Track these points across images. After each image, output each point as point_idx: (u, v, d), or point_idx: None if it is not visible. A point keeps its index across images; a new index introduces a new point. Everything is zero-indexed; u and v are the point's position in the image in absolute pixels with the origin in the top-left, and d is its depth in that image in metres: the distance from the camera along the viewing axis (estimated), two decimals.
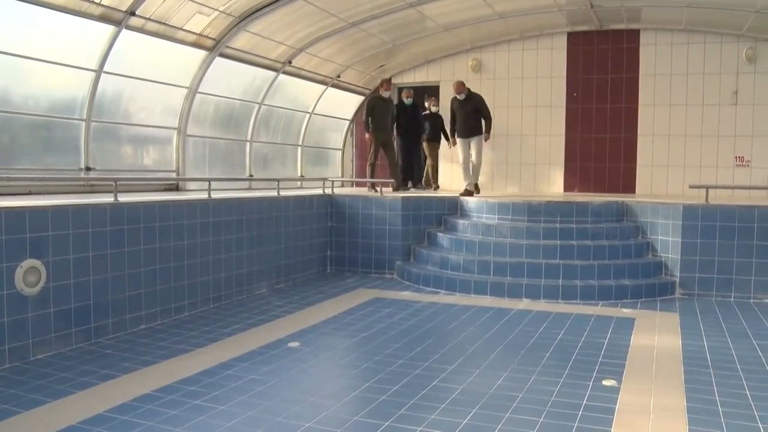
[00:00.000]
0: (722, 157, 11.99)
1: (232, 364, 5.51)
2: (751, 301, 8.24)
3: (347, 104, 14.39)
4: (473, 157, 10.90)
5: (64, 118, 8.27)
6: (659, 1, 11.00)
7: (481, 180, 11.97)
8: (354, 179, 12.16)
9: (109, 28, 8.08)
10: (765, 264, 8.23)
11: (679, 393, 4.87)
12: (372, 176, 11.48)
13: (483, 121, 10.91)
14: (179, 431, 4.11)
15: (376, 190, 10.94)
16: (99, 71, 8.28)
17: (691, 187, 9.63)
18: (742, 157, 11.87)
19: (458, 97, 10.82)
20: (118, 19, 8.03)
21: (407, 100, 12.11)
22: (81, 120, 8.34)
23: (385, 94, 11.29)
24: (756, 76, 11.70)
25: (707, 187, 8.98)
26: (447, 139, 12.36)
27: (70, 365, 5.43)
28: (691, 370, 5.42)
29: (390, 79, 11.62)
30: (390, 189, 11.24)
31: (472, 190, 10.93)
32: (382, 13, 10.81)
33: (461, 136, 10.92)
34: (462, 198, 10.40)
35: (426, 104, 13.08)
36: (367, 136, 11.40)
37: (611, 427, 4.21)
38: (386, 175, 11.76)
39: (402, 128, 12.09)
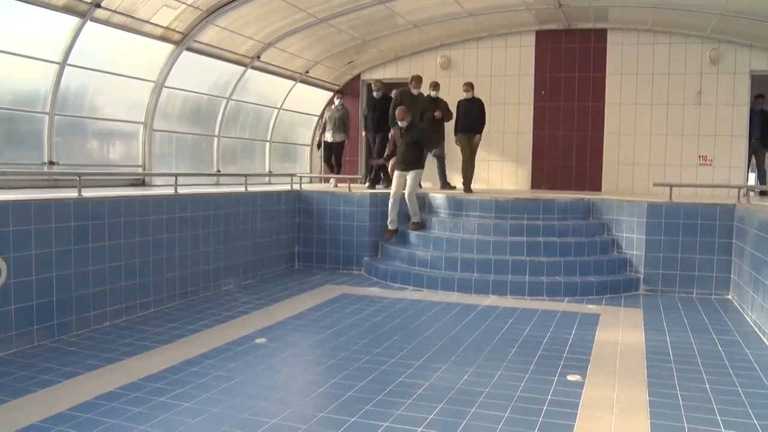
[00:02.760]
0: (686, 155, 12.18)
1: (198, 361, 5.47)
2: (713, 297, 8.40)
3: (316, 100, 14.32)
4: (406, 189, 9.73)
5: (27, 111, 8.11)
6: (625, 1, 11.13)
7: (450, 177, 11.99)
8: (322, 175, 12.11)
9: (74, 20, 7.94)
10: (726, 261, 8.40)
11: (642, 387, 4.96)
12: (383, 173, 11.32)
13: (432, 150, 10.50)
14: (143, 429, 4.06)
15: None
16: (63, 64, 8.13)
17: (655, 185, 9.80)
18: (706, 156, 12.07)
19: (399, 123, 9.94)
20: (82, 11, 7.90)
21: (376, 94, 11.80)
22: (44, 113, 8.19)
23: (415, 91, 10.77)
24: (719, 76, 11.90)
25: (671, 186, 9.12)
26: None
27: (32, 363, 5.34)
28: (653, 365, 5.51)
29: (419, 76, 11.01)
30: (357, 185, 11.20)
31: (395, 229, 9.96)
32: (351, 9, 10.78)
33: (398, 168, 9.86)
34: (431, 195, 10.41)
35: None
36: (391, 132, 10.80)
37: (575, 421, 4.27)
38: (354, 171, 11.73)
39: (372, 123, 11.77)
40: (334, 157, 12.43)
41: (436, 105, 11.38)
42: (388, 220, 9.91)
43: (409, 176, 9.72)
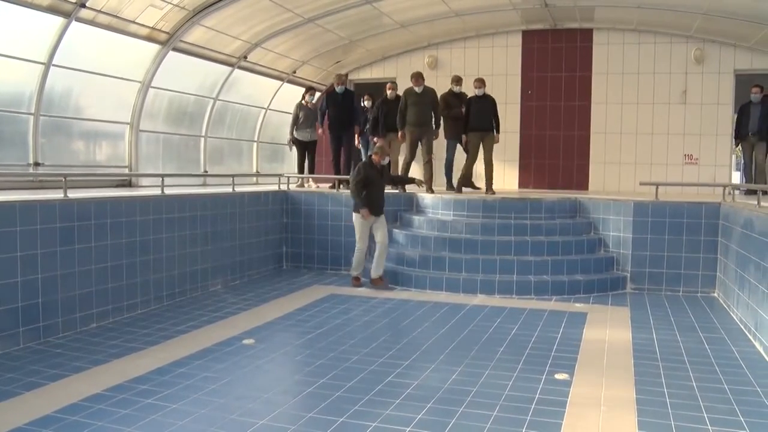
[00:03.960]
0: (672, 154, 12.26)
1: (186, 362, 5.45)
2: (699, 295, 8.45)
3: None
4: (378, 237, 8.82)
5: (11, 112, 8.05)
6: (611, 1, 11.18)
7: (437, 178, 11.97)
8: (308, 175, 12.07)
9: (59, 20, 7.89)
10: (711, 259, 8.45)
11: (629, 385, 4.98)
12: (407, 174, 10.67)
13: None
14: (131, 430, 4.04)
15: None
16: (48, 64, 8.08)
17: (641, 184, 9.83)
18: (691, 155, 12.15)
19: (377, 162, 8.84)
20: (67, 11, 7.85)
21: (338, 88, 11.13)
22: (29, 114, 8.13)
23: (418, 88, 10.22)
24: (704, 76, 11.99)
25: (657, 184, 9.16)
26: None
27: (17, 365, 5.30)
28: (640, 363, 5.54)
29: (419, 72, 10.45)
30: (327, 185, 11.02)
31: (381, 277, 8.81)
32: (338, 9, 10.77)
33: (373, 212, 8.74)
34: (419, 195, 10.35)
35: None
36: (399, 134, 10.47)
37: (563, 420, 4.28)
38: (329, 171, 11.60)
39: (331, 119, 11.17)
40: (308, 156, 11.94)
41: (460, 101, 10.92)
42: (356, 270, 8.95)
43: (382, 224, 8.85)
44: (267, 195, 10.01)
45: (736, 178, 15.56)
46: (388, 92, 11.18)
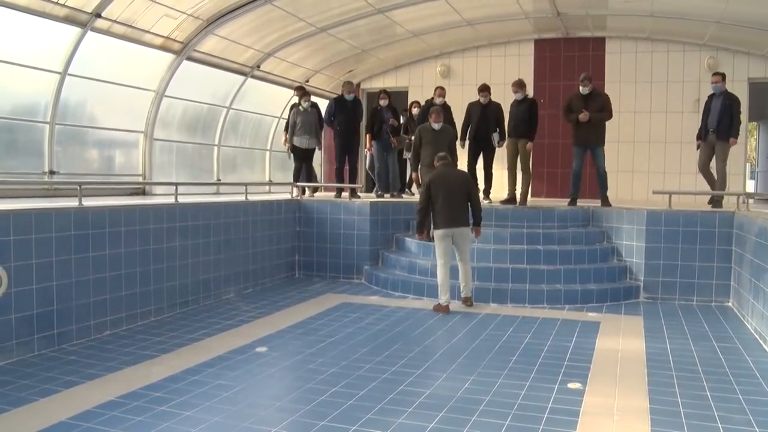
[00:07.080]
0: (685, 163, 12.19)
1: (199, 370, 5.47)
2: (713, 304, 8.39)
3: None
4: (461, 258, 8.06)
5: (27, 121, 8.14)
6: (623, 9, 11.18)
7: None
8: (322, 184, 12.11)
9: (75, 30, 7.99)
10: (726, 268, 8.39)
11: (642, 395, 4.95)
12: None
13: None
14: None
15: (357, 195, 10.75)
16: (63, 74, 8.18)
17: (654, 192, 9.78)
18: None
19: (438, 164, 8.12)
20: (83, 21, 7.94)
21: (348, 96, 10.64)
22: (45, 123, 8.22)
23: (436, 125, 8.91)
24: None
25: (670, 193, 9.11)
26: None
27: (32, 372, 5.34)
28: (654, 373, 5.51)
29: (439, 109, 9.19)
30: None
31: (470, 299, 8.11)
32: (351, 19, 10.83)
33: (444, 225, 7.83)
34: None
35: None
36: (413, 175, 9.43)
37: (576, 429, 4.26)
38: (352, 180, 11.61)
39: (341, 127, 10.67)
40: (305, 166, 11.27)
41: (585, 103, 9.60)
42: (444, 297, 7.91)
43: (461, 240, 7.94)
44: (280, 204, 10.04)
45: (750, 186, 15.41)
46: (438, 99, 10.44)
